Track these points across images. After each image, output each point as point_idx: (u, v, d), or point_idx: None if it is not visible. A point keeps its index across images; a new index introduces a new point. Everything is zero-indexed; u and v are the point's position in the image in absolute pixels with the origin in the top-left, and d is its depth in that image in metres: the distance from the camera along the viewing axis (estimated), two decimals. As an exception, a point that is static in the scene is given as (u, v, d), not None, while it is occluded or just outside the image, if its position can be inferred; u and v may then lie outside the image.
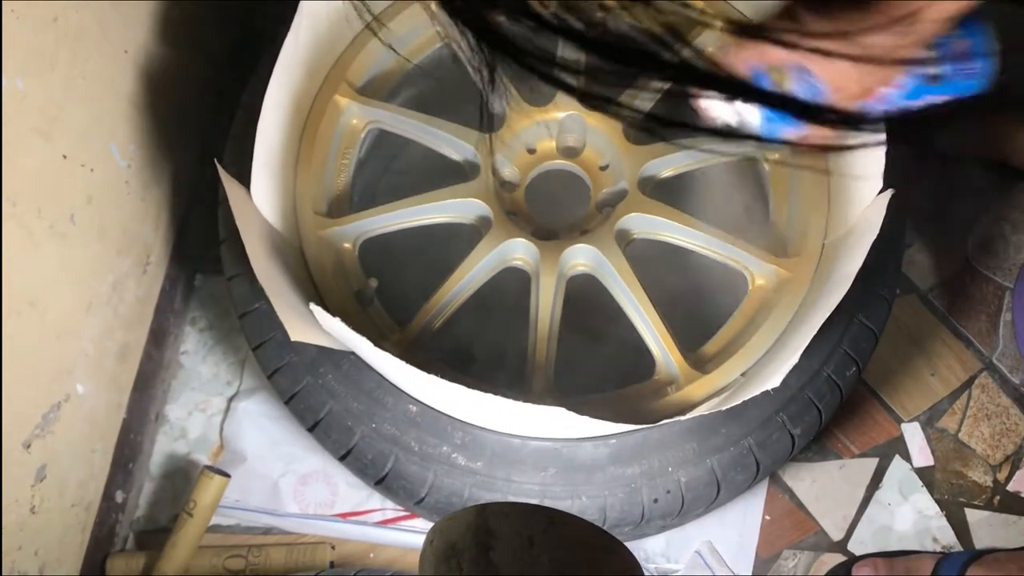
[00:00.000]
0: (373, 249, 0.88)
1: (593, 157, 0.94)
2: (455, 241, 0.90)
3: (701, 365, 0.81)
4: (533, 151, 0.94)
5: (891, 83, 0.57)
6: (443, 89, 1.00)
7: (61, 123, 0.78)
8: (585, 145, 0.94)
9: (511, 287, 0.90)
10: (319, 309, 0.68)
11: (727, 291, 0.90)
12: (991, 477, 1.03)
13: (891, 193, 0.75)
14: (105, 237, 0.88)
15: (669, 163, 0.90)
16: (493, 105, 0.93)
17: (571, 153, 0.94)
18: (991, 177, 1.15)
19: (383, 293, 0.86)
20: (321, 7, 0.84)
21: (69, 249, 0.82)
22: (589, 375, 0.99)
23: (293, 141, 0.86)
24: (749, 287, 0.85)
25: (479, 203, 0.87)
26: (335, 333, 0.71)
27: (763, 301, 0.84)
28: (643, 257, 0.88)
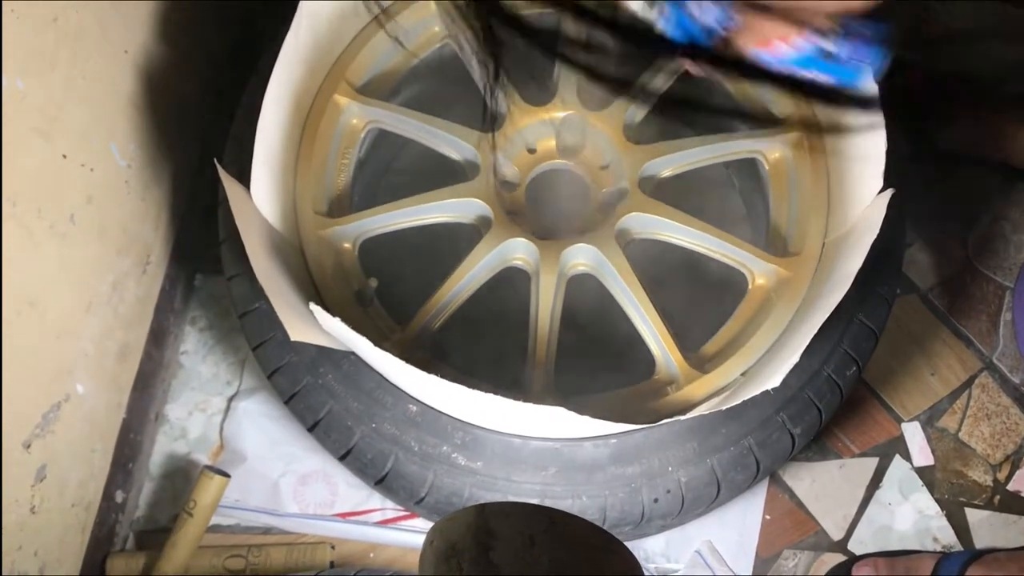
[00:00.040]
0: (373, 249, 0.88)
1: (593, 157, 0.94)
2: (455, 241, 0.90)
3: (701, 365, 0.81)
4: (533, 151, 0.94)
5: (788, 41, 0.56)
6: (443, 89, 1.00)
7: (61, 123, 0.78)
8: (585, 145, 0.94)
9: (511, 286, 0.90)
10: (319, 309, 0.68)
11: (727, 291, 0.90)
12: (991, 477, 1.03)
13: (891, 193, 0.75)
14: (105, 237, 0.88)
15: (669, 163, 0.90)
16: (493, 104, 0.93)
17: (571, 153, 0.94)
18: (991, 176, 1.15)
19: (383, 293, 0.86)
20: (321, 7, 0.84)
21: (69, 249, 0.82)
22: (589, 375, 0.99)
23: (293, 141, 0.86)
24: (749, 287, 0.85)
25: (479, 203, 0.87)
26: (335, 333, 0.71)
27: (763, 301, 0.84)
28: (643, 257, 0.88)
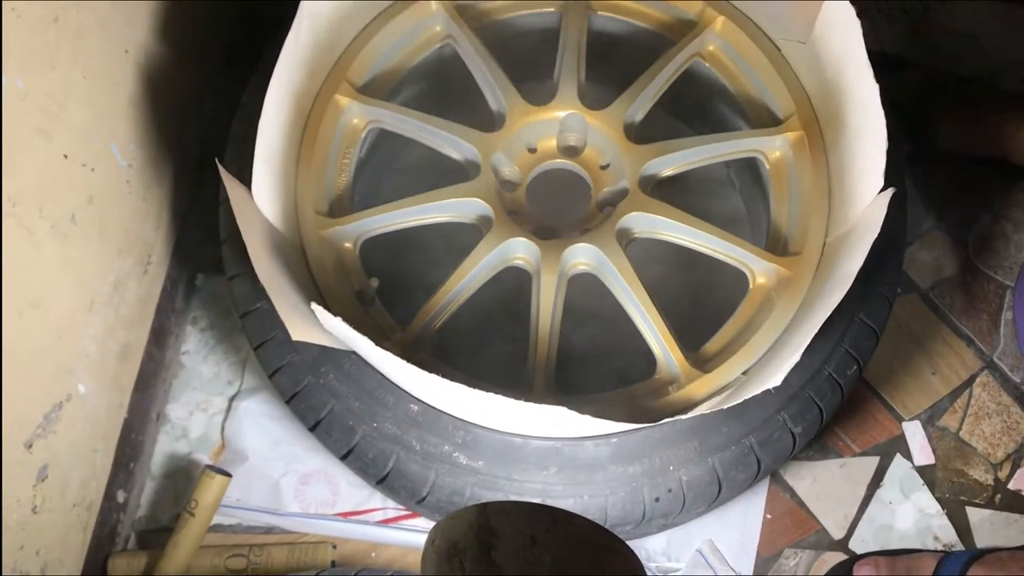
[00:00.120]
0: (374, 248, 0.88)
1: (594, 156, 0.94)
2: (456, 241, 0.90)
3: (702, 364, 0.81)
4: (534, 150, 0.94)
5: None
6: (443, 89, 1.00)
7: (62, 122, 0.78)
8: (586, 144, 0.94)
9: (512, 286, 0.90)
10: (320, 308, 0.68)
11: (728, 290, 0.90)
12: (992, 475, 1.03)
13: (892, 192, 0.75)
14: (106, 237, 0.88)
15: (670, 162, 0.90)
16: (493, 104, 0.93)
17: (572, 152, 0.94)
18: (991, 176, 1.15)
19: (384, 293, 0.86)
20: (322, 7, 0.84)
21: (70, 249, 0.82)
22: (590, 374, 0.99)
23: (294, 141, 0.86)
24: (750, 286, 0.85)
25: (480, 202, 0.87)
26: (336, 332, 0.71)
27: (764, 300, 0.84)
28: (644, 256, 0.88)
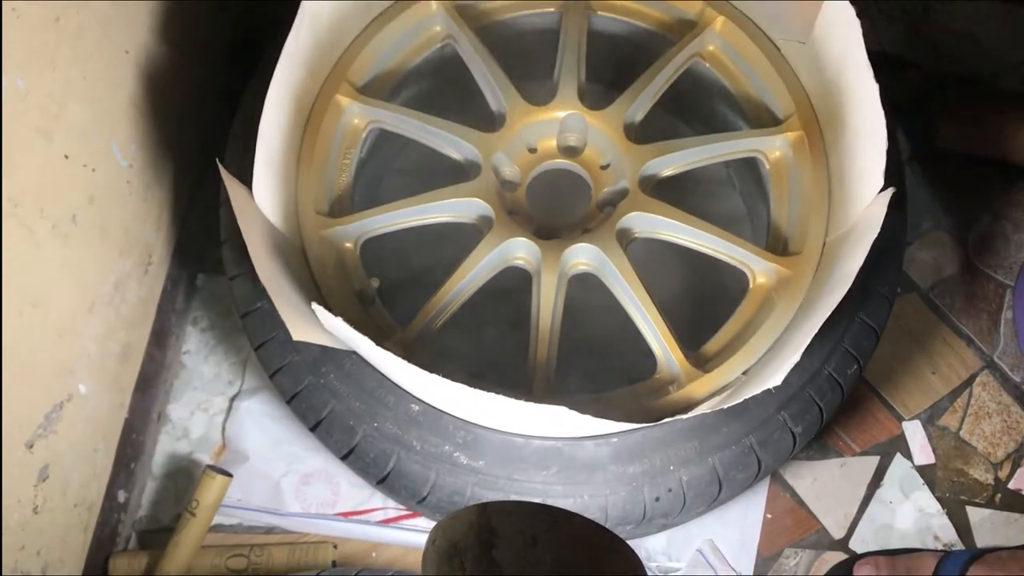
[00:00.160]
0: (375, 249, 0.88)
1: (594, 156, 0.94)
2: (456, 241, 0.90)
3: (702, 364, 0.81)
4: (534, 150, 0.94)
5: None
6: (444, 89, 1.00)
7: (62, 123, 0.78)
8: (586, 144, 0.94)
9: (512, 286, 0.90)
10: (321, 308, 0.68)
11: (728, 290, 0.90)
12: (992, 475, 1.03)
13: (892, 191, 0.75)
14: (107, 237, 0.88)
15: (670, 162, 0.90)
16: (493, 104, 0.93)
17: (572, 152, 0.94)
18: (991, 176, 1.15)
19: (385, 293, 0.86)
20: (322, 7, 0.84)
21: (71, 249, 0.82)
22: (590, 374, 0.99)
23: (294, 141, 0.86)
24: (750, 286, 0.85)
25: (480, 202, 0.87)
26: (337, 332, 0.71)
27: (764, 300, 0.84)
28: (644, 256, 0.88)
